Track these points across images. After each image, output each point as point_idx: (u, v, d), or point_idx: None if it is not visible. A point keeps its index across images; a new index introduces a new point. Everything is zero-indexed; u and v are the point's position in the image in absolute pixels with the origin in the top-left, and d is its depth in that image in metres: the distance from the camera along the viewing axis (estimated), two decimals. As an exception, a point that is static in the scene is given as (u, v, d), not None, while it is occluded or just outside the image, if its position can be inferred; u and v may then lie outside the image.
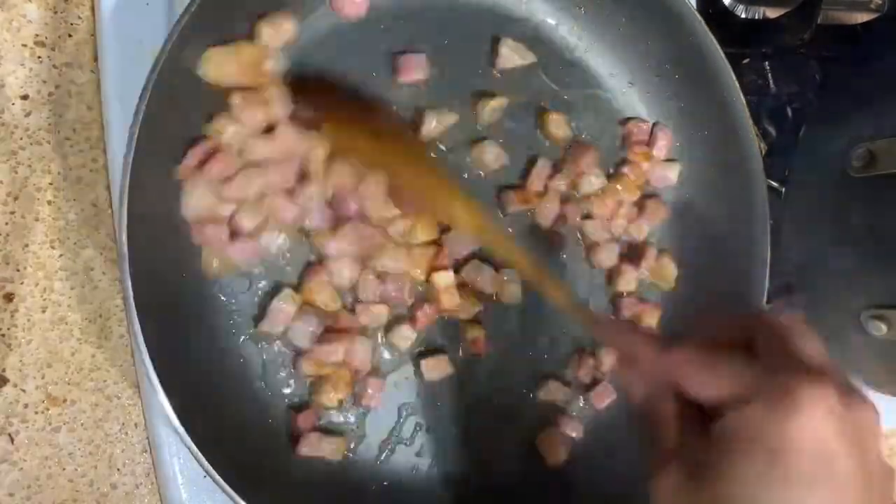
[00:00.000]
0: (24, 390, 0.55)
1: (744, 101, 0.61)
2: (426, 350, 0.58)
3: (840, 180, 0.65)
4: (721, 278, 0.63)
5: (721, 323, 0.43)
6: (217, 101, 0.53)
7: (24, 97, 0.56)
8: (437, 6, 0.59)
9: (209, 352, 0.52)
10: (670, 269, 0.64)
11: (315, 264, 0.54)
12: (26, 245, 0.55)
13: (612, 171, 0.64)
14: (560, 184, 0.61)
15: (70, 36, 0.57)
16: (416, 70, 0.56)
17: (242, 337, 0.54)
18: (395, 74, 0.57)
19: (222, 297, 0.53)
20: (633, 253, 0.64)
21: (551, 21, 0.63)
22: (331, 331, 0.53)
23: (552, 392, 0.60)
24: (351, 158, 0.52)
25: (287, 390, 0.54)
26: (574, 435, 0.60)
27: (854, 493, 0.34)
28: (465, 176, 0.59)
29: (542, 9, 0.63)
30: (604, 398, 0.61)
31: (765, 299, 0.61)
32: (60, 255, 0.56)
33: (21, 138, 0.55)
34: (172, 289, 0.51)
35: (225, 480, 0.46)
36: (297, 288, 0.54)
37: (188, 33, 0.46)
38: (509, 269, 0.58)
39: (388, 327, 0.56)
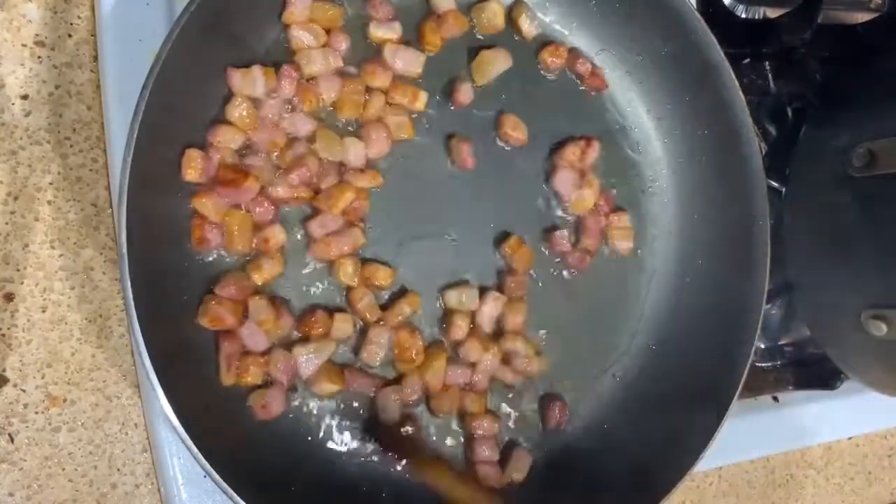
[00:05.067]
0: (24, 390, 0.55)
1: (744, 101, 0.61)
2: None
3: (840, 180, 0.65)
4: (721, 278, 0.63)
5: None
6: (217, 103, 0.53)
7: (24, 97, 0.56)
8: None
9: (209, 351, 0.52)
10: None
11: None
12: (26, 245, 0.55)
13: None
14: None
15: (70, 36, 0.57)
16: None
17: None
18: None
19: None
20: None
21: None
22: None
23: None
24: None
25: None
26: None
27: None
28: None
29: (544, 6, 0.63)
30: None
31: (765, 299, 0.61)
32: (60, 255, 0.56)
33: (21, 138, 0.55)
34: (172, 288, 0.51)
35: (224, 480, 0.46)
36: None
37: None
38: None
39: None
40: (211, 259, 0.53)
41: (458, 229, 0.60)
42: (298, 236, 0.56)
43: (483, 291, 0.59)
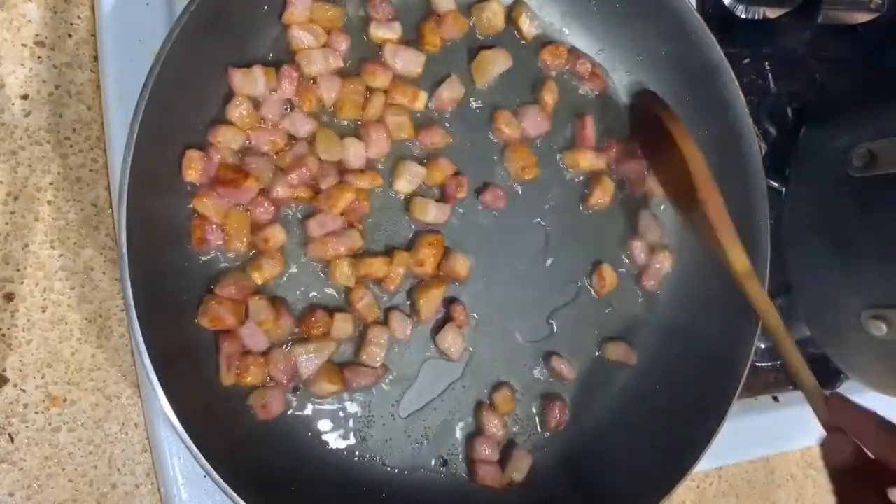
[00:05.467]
0: (24, 390, 0.55)
1: (744, 101, 0.61)
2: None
3: (840, 180, 0.65)
4: (721, 278, 0.63)
5: None
6: (216, 103, 0.53)
7: (24, 97, 0.56)
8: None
9: (209, 351, 0.52)
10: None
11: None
12: (26, 245, 0.55)
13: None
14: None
15: (70, 36, 0.57)
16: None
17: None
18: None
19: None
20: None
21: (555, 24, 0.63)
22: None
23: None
24: None
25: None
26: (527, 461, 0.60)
27: None
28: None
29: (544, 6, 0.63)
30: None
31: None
32: (60, 255, 0.56)
33: (21, 138, 0.55)
34: (172, 288, 0.51)
35: (224, 480, 0.46)
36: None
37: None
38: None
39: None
40: (211, 259, 0.53)
41: (451, 230, 0.60)
42: (298, 236, 0.56)
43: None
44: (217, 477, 0.46)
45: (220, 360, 0.52)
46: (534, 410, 0.61)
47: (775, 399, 0.75)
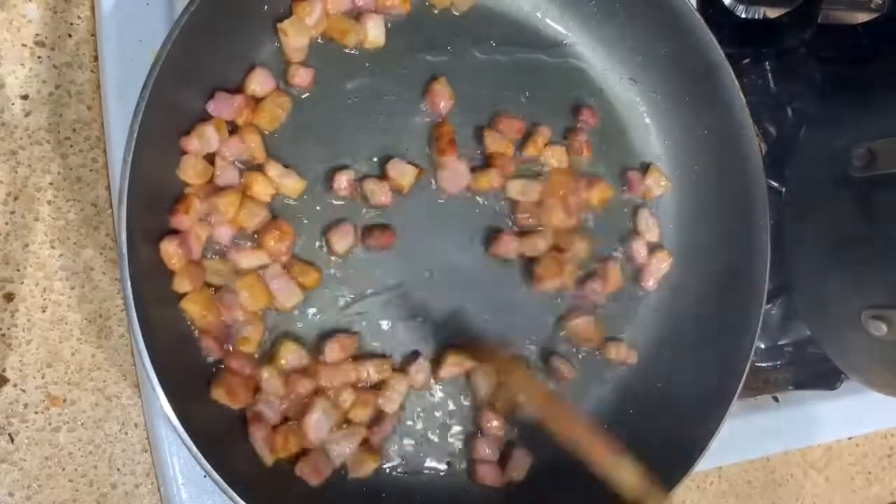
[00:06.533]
0: (24, 390, 0.55)
1: (744, 101, 0.61)
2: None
3: (840, 180, 0.65)
4: (721, 278, 0.64)
5: None
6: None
7: (24, 97, 0.56)
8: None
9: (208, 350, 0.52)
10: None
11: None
12: (26, 245, 0.55)
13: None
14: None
15: (70, 36, 0.57)
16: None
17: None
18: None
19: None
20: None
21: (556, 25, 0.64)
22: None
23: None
24: None
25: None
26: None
27: None
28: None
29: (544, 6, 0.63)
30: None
31: (765, 299, 0.61)
32: (60, 255, 0.56)
33: (21, 138, 0.56)
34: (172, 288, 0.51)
35: (225, 480, 0.46)
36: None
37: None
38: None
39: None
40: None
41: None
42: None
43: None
44: (217, 477, 0.46)
45: (254, 446, 0.51)
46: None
47: (775, 399, 0.75)
